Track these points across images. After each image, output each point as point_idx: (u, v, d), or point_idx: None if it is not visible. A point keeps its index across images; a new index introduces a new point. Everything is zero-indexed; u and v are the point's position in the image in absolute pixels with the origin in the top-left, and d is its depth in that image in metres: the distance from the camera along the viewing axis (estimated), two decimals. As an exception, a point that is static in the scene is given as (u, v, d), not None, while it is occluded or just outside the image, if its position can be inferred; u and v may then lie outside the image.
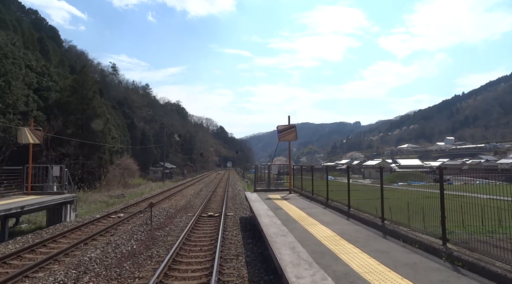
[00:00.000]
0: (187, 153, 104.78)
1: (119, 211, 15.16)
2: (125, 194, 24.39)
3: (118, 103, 77.33)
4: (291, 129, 12.48)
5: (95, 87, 40.27)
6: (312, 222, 7.45)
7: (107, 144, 42.11)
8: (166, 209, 15.79)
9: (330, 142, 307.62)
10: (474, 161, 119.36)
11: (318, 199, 10.56)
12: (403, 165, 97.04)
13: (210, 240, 9.52)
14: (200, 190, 28.13)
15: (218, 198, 21.63)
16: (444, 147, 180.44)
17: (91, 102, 39.64)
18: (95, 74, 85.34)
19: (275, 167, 14.53)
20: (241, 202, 18.20)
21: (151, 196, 22.45)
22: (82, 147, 38.04)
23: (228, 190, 27.66)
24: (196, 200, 20.16)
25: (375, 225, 6.71)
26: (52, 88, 38.03)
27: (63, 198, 12.71)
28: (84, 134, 38.91)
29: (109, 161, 47.09)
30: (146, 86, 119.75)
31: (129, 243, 9.14)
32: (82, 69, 40.33)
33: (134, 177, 51.41)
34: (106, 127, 42.11)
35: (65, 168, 14.34)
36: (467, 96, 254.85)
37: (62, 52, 77.18)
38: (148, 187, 32.22)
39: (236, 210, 15.47)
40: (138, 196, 23.19)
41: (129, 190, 28.42)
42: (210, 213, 14.35)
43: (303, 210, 8.93)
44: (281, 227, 6.79)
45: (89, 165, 35.09)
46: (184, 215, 14.16)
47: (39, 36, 71.21)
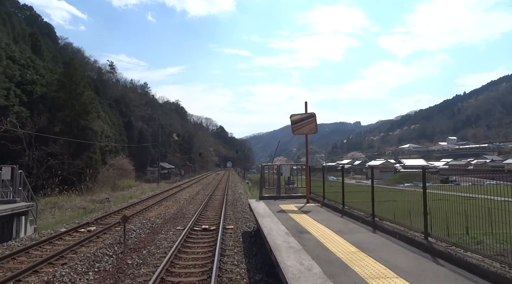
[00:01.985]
0: (186, 152, 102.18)
1: (93, 222, 12.30)
2: (111, 198, 21.54)
3: (115, 102, 74.84)
4: (310, 119, 9.60)
5: (84, 82, 37.36)
6: (377, 269, 4.12)
7: (98, 142, 39.25)
8: (152, 218, 12.94)
9: (330, 142, 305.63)
10: (479, 161, 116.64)
11: (353, 214, 7.56)
12: (408, 165, 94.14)
13: (200, 273, 6.69)
14: (196, 193, 25.27)
15: (216, 203, 18.79)
16: (447, 147, 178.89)
17: (81, 98, 36.80)
18: (91, 72, 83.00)
19: (286, 168, 11.56)
20: (243, 209, 15.36)
21: (140, 201, 19.63)
22: (70, 146, 35.27)
23: (228, 193, 24.83)
24: (190, 206, 17.31)
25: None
26: (38, 82, 35.14)
27: (13, 208, 9.88)
28: (74, 132, 36.13)
29: (101, 160, 44.38)
30: (145, 85, 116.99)
31: (82, 279, 6.30)
32: (71, 62, 37.43)
33: (130, 177, 48.52)
34: (97, 124, 39.26)
35: (18, 170, 11.41)
36: (468, 96, 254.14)
37: (57, 49, 74.49)
38: (140, 190, 29.38)
39: (237, 220, 12.63)
40: (125, 201, 20.34)
41: (117, 193, 25.58)
42: (204, 225, 11.51)
43: (342, 235, 5.85)
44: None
45: (76, 165, 32.24)
46: (173, 228, 11.32)
47: (31, 31, 68.56)
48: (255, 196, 23.06)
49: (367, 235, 6.02)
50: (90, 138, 36.72)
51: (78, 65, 36.32)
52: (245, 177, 54.68)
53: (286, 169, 11.26)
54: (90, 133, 37.01)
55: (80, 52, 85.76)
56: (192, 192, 26.33)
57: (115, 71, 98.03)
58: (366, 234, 6.10)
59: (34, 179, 25.94)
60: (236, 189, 29.70)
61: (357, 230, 6.38)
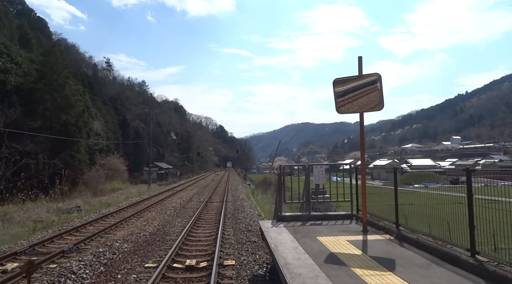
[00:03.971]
0: (184, 152, 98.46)
1: (25, 251, 8.28)
2: (84, 206, 17.49)
3: (110, 99, 71.37)
4: (370, 86, 5.62)
5: (67, 72, 33.26)
6: None
7: (83, 139, 35.20)
8: (118, 243, 8.93)
9: (331, 142, 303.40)
10: (487, 161, 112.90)
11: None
12: (416, 165, 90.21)
13: None
14: (189, 199, 21.21)
15: (211, 214, 14.77)
16: (451, 146, 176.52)
17: (63, 90, 32.78)
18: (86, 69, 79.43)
19: (319, 170, 7.26)
20: (247, 227, 11.35)
21: (117, 210, 15.65)
22: (48, 143, 31.29)
23: (227, 198, 20.82)
24: (177, 220, 13.27)
25: None
26: (12, 71, 31.09)
27: None
28: (55, 129, 32.15)
29: (89, 160, 40.45)
30: (143, 83, 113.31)
31: None
32: (51, 50, 33.38)
33: (121, 179, 44.50)
34: (82, 120, 35.18)
35: None
36: (470, 96, 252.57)
37: (51, 44, 70.56)
38: (125, 194, 25.35)
39: (241, 247, 8.62)
40: (99, 210, 16.31)
41: (97, 199, 21.53)
42: (189, 260, 7.45)
43: None
44: None
45: (53, 165, 28.19)
46: (140, 264, 7.29)
47: (20, 23, 64.74)
48: (260, 204, 18.97)
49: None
50: (73, 136, 32.69)
51: (59, 53, 32.23)
52: (246, 178, 50.66)
53: (319, 171, 7.07)
54: (73, 129, 32.94)
55: (75, 48, 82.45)
56: (185, 197, 22.29)
57: (111, 68, 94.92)
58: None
59: (0, 182, 22.01)
60: (237, 193, 25.67)
61: None
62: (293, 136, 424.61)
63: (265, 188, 29.82)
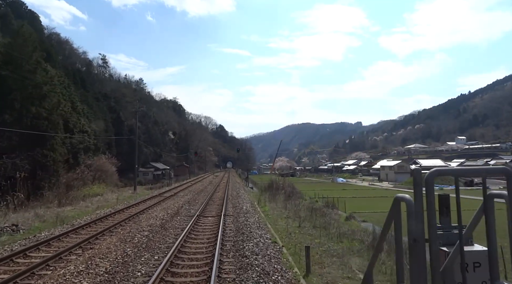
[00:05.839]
0: (183, 152, 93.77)
1: None
2: (26, 224, 12.50)
3: (103, 96, 66.84)
4: None
5: (38, 55, 28.28)
6: None
7: (59, 135, 30.23)
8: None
9: (332, 142, 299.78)
10: (498, 161, 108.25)
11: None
12: (426, 166, 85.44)
13: None
14: (176, 211, 16.20)
15: (201, 244, 9.81)
16: (456, 147, 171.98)
17: (34, 77, 27.88)
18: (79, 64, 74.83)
19: None
20: (260, 276, 6.41)
21: (79, 226, 10.91)
22: (16, 139, 26.53)
23: (227, 211, 15.89)
24: (143, 256, 8.31)
25: None
26: (-28, 55, 26.27)
27: None
28: (25, 123, 27.32)
29: (72, 160, 35.54)
30: (140, 81, 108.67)
31: None
32: (20, 30, 28.41)
33: (108, 182, 39.39)
34: (56, 113, 30.22)
35: None
36: (473, 95, 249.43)
37: (42, 38, 65.80)
38: (100, 202, 20.38)
39: None
40: (51, 227, 11.40)
41: (58, 210, 16.53)
42: None
43: None
44: None
45: (15, 166, 23.24)
46: None
47: (4, 11, 60.08)
48: (271, 218, 14.05)
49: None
50: (45, 131, 27.76)
51: (28, 34, 27.21)
52: (248, 180, 45.69)
53: None
54: (45, 124, 28.01)
55: (68, 44, 78.07)
56: (172, 207, 17.33)
57: (107, 65, 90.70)
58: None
59: None
60: (239, 201, 20.72)
61: None
62: (294, 136, 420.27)
63: (272, 193, 24.94)
